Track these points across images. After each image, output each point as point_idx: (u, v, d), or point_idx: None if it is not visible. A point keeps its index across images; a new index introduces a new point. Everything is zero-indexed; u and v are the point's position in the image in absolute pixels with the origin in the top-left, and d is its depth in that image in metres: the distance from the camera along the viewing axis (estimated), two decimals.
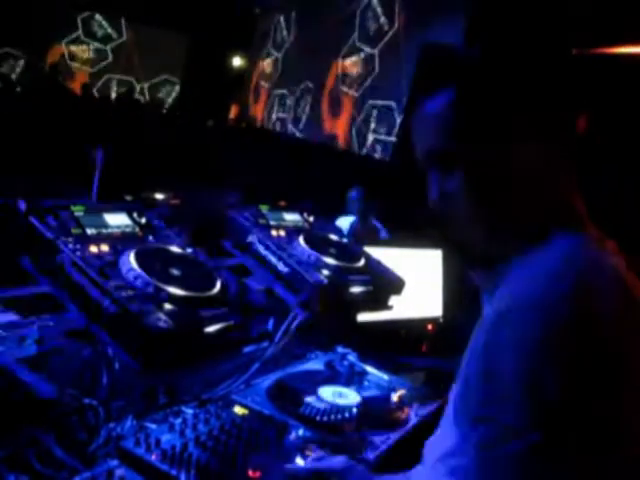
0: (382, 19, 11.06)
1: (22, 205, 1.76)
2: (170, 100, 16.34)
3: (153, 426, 1.83)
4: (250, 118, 14.77)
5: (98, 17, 15.35)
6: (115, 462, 1.65)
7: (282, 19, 14.02)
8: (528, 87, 1.19)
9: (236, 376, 2.22)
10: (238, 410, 2.03)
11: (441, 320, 3.29)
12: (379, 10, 11.15)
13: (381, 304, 2.36)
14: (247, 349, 2.29)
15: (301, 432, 1.96)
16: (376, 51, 11.12)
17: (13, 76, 14.14)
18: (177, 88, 16.37)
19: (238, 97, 15.63)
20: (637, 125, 4.13)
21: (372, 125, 10.74)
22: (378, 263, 2.43)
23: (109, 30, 15.56)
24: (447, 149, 1.25)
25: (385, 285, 2.34)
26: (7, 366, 1.57)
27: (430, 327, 3.26)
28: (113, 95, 14.83)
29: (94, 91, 14.25)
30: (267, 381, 2.31)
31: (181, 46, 15.98)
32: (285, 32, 13.99)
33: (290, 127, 13.48)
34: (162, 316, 1.56)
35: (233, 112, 15.63)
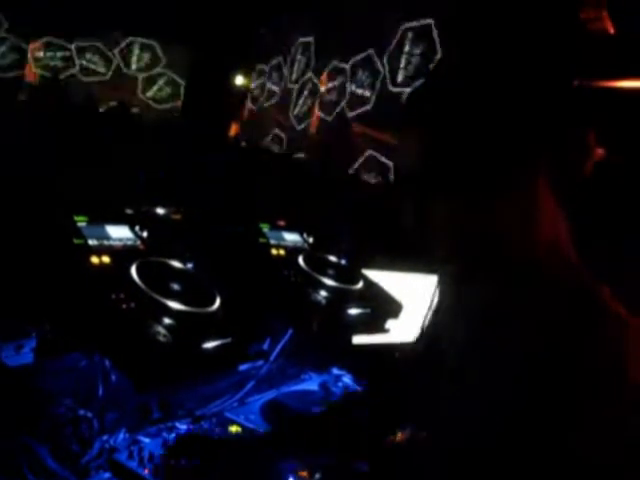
0: None
1: None
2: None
3: (146, 440, 1.83)
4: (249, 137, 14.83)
5: None
6: (107, 475, 1.65)
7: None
8: None
9: (230, 393, 2.22)
10: (232, 428, 2.03)
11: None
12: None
13: (378, 327, 2.37)
14: (242, 367, 2.30)
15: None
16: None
17: None
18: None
19: (239, 115, 15.69)
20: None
21: None
22: (376, 286, 2.44)
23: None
24: None
25: (383, 308, 2.35)
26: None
27: None
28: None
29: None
30: (261, 400, 2.31)
31: (183, 62, 16.08)
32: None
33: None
34: (161, 330, 1.56)
35: (233, 130, 15.68)
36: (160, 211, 2.59)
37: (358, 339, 2.76)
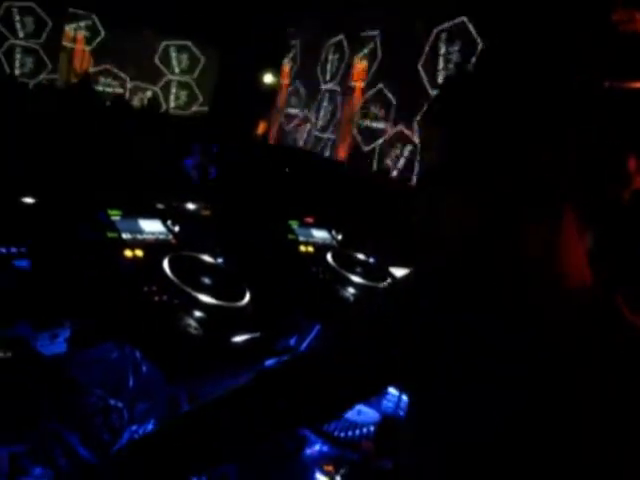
0: None
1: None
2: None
3: None
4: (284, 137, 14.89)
5: None
6: None
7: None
8: None
9: None
10: None
11: None
12: None
13: None
14: (269, 362, 2.32)
15: (318, 447, 1.98)
16: None
17: None
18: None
19: (267, 114, 15.73)
20: None
21: None
22: None
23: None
24: None
25: None
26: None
27: None
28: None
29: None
30: None
31: (213, 59, 16.21)
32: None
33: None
34: (192, 322, 1.59)
35: (261, 128, 15.72)
36: (191, 207, 2.63)
37: None
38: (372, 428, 2.14)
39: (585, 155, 1.03)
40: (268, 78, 15.89)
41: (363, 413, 2.24)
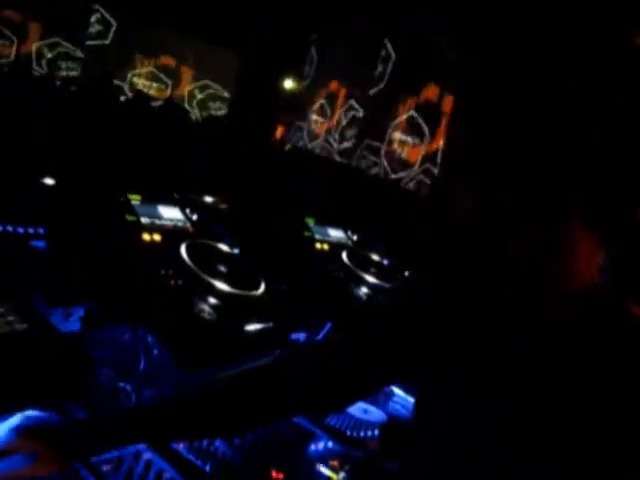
0: None
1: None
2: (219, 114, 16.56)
3: None
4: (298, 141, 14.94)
5: None
6: (143, 446, 1.68)
7: None
8: None
9: None
10: None
11: None
12: None
13: None
14: None
15: (324, 443, 1.97)
16: None
17: None
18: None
19: (286, 119, 15.77)
20: None
21: None
22: None
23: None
24: None
25: None
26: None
27: None
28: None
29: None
30: None
31: (233, 63, 16.24)
32: None
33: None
34: (207, 308, 1.59)
35: (279, 133, 15.76)
36: (208, 199, 2.64)
37: None
38: (378, 428, 2.14)
39: (595, 170, 1.03)
40: (288, 83, 15.92)
41: (370, 412, 2.24)
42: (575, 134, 1.03)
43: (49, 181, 2.00)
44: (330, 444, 1.98)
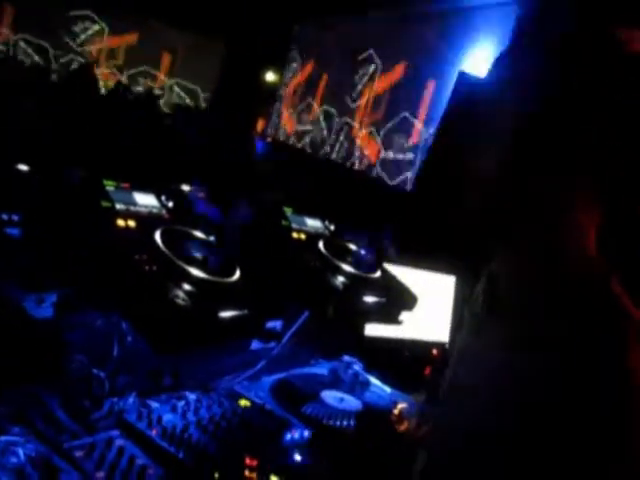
0: None
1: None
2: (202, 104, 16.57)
3: (156, 405, 1.85)
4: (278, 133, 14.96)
5: None
6: (116, 432, 1.67)
7: None
8: None
9: (241, 371, 2.24)
10: (241, 401, 2.04)
11: (447, 346, 3.29)
12: None
13: (392, 317, 2.38)
14: (254, 346, 2.32)
15: (299, 431, 1.97)
16: None
17: None
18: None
19: (266, 111, 15.76)
20: None
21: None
22: (394, 277, 2.45)
23: None
24: None
25: (398, 299, 2.36)
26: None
27: (435, 352, 3.26)
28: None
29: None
30: (272, 378, 2.32)
31: (216, 54, 16.25)
32: None
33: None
34: (181, 294, 1.58)
35: (260, 126, 15.75)
36: (186, 188, 2.62)
37: (371, 330, 2.78)
38: (354, 417, 2.14)
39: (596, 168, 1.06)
40: (270, 76, 15.89)
41: (346, 401, 2.25)
42: (576, 133, 1.06)
43: (23, 167, 1.98)
44: (306, 433, 1.98)
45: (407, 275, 2.70)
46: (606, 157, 1.06)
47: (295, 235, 2.37)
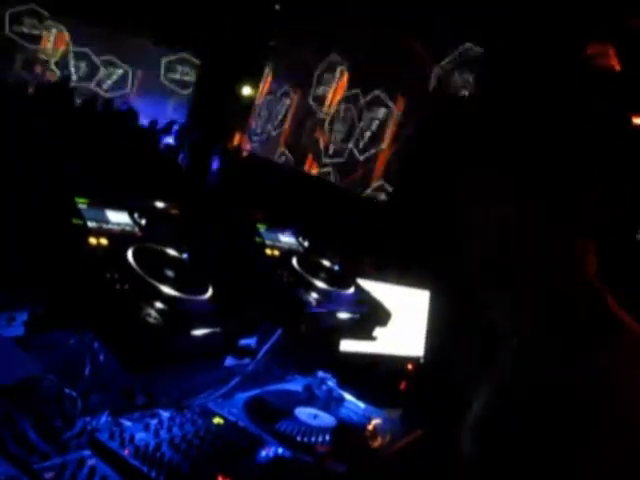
0: None
1: None
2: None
3: (128, 423, 1.84)
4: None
5: None
6: (88, 452, 1.66)
7: None
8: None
9: (215, 388, 2.24)
10: (214, 419, 2.04)
11: (422, 361, 3.31)
12: None
13: (366, 333, 2.39)
14: (229, 363, 2.31)
15: (274, 448, 1.97)
16: None
17: None
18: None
19: (244, 125, 15.77)
20: None
21: None
22: (367, 293, 2.46)
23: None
24: None
25: (372, 315, 2.36)
26: None
27: (410, 366, 3.27)
28: None
29: None
30: (245, 395, 2.32)
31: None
32: None
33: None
34: (152, 312, 1.58)
35: (237, 140, 15.74)
36: (160, 205, 2.61)
37: (346, 346, 2.78)
38: (329, 433, 2.14)
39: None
40: (246, 90, 15.90)
41: (320, 418, 2.25)
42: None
43: None
44: (280, 450, 1.98)
45: (381, 290, 2.71)
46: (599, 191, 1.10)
47: (269, 251, 2.37)
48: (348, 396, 2.57)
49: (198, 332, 1.69)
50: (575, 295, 1.14)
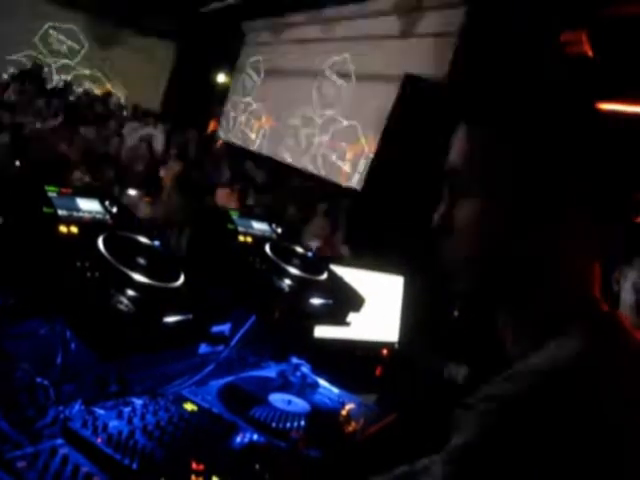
0: None
1: None
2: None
3: (102, 412, 1.84)
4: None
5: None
6: (60, 441, 1.66)
7: None
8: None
9: (189, 375, 2.24)
10: (187, 406, 2.04)
11: (396, 346, 3.33)
12: None
13: (339, 319, 2.39)
14: (203, 350, 2.32)
15: (248, 434, 1.98)
16: None
17: None
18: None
19: (218, 112, 15.70)
20: None
21: None
22: (340, 279, 2.46)
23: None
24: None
25: (345, 300, 2.37)
26: None
27: (385, 352, 3.29)
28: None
29: None
30: (219, 382, 2.32)
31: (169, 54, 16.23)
32: None
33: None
34: (124, 300, 1.58)
35: (211, 127, 15.68)
36: (132, 192, 2.61)
37: (320, 332, 2.79)
38: (303, 419, 2.15)
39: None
40: (221, 78, 15.83)
41: (294, 403, 2.26)
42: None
43: None
44: (254, 436, 1.99)
45: (355, 276, 2.72)
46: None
47: (242, 238, 2.36)
48: (322, 382, 2.58)
49: (170, 319, 1.69)
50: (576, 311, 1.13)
